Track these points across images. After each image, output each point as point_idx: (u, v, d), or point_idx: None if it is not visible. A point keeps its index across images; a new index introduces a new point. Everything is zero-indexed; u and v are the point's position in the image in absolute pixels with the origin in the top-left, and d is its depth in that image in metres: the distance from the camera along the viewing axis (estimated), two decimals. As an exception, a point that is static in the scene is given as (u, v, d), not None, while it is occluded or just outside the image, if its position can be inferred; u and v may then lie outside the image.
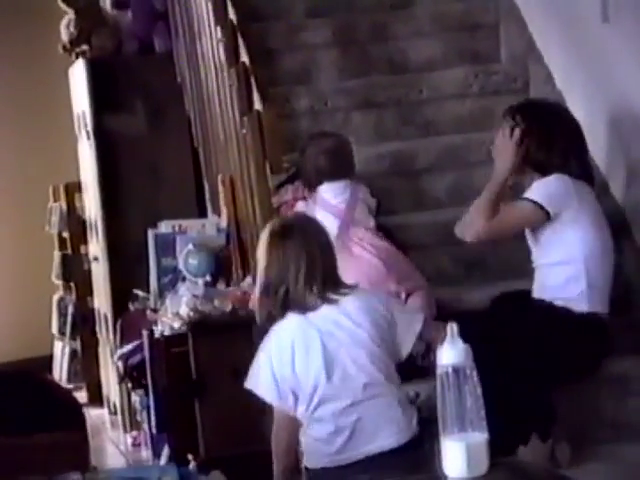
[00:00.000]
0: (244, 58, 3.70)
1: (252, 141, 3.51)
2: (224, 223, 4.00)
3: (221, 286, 3.76)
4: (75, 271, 5.98)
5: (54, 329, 6.21)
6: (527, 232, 3.34)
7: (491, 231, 3.25)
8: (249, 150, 3.57)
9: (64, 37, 5.01)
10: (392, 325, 2.84)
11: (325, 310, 2.82)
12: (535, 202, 3.23)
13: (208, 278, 3.79)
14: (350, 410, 2.78)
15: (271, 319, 2.90)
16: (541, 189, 3.26)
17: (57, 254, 6.23)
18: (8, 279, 6.79)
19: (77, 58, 5.07)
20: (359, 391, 2.78)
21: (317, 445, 2.83)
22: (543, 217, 3.24)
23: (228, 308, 3.52)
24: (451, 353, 1.75)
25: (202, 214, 4.77)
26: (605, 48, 3.74)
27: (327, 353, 2.79)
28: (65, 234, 6.12)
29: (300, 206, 3.53)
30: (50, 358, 6.24)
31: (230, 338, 3.52)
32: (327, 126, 4.16)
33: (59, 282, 6.23)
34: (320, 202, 3.41)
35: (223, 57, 3.83)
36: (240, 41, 3.76)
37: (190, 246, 3.86)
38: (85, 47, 4.98)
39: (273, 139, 3.46)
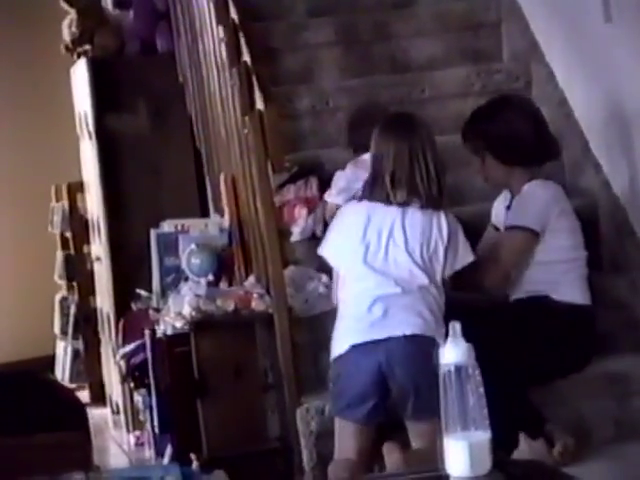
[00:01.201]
0: (246, 57, 3.70)
1: (254, 140, 3.51)
2: (226, 223, 4.00)
3: (224, 286, 3.75)
4: (78, 271, 5.98)
5: (56, 329, 6.21)
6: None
7: (500, 278, 3.35)
8: (251, 149, 3.57)
9: (66, 37, 5.01)
10: (446, 248, 3.16)
11: (392, 208, 3.18)
12: (525, 229, 3.32)
13: (211, 278, 3.79)
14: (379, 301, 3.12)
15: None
16: (527, 210, 3.35)
17: (59, 254, 6.23)
18: (10, 279, 6.79)
19: (79, 58, 5.07)
20: (392, 286, 3.13)
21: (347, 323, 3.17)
22: (537, 238, 3.34)
23: (231, 308, 3.52)
24: (453, 352, 1.75)
25: (204, 214, 4.77)
26: (607, 47, 3.74)
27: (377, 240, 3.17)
28: (67, 234, 6.12)
29: (340, 175, 3.75)
30: (53, 358, 6.24)
31: (233, 338, 3.52)
32: (329, 126, 4.16)
33: (62, 282, 6.22)
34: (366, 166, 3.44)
35: (225, 56, 3.83)
36: (242, 40, 3.76)
37: (192, 246, 3.86)
38: (87, 47, 4.97)
39: (275, 138, 3.46)
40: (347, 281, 3.25)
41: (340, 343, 3.19)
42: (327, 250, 3.33)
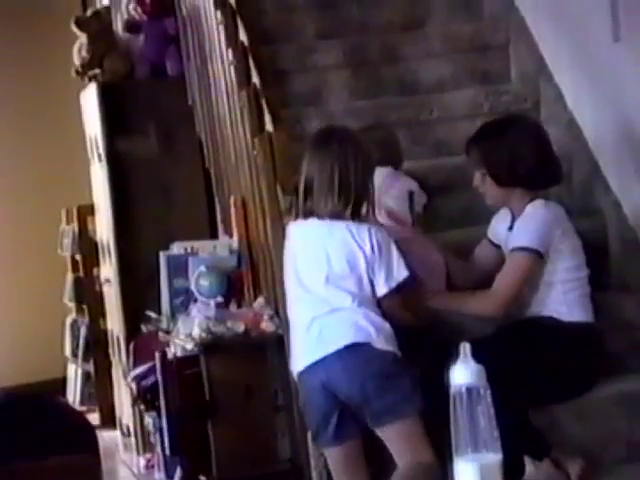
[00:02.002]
0: (255, 80, 3.72)
1: (263, 162, 3.52)
2: (236, 244, 4.00)
3: (233, 307, 3.75)
4: (88, 293, 5.99)
5: (67, 351, 6.21)
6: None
7: (507, 302, 3.32)
8: (260, 171, 3.58)
9: (76, 61, 5.04)
10: (368, 261, 3.09)
11: (318, 224, 3.11)
12: (530, 250, 3.30)
13: (220, 299, 3.79)
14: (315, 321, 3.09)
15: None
16: (531, 232, 3.33)
17: (70, 276, 6.24)
18: (21, 301, 6.80)
19: (89, 82, 5.09)
20: (323, 306, 3.09)
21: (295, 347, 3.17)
22: (542, 260, 3.33)
23: (240, 329, 3.52)
24: (464, 373, 1.74)
25: (214, 235, 4.78)
26: (616, 67, 3.74)
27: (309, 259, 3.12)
28: (78, 256, 6.14)
29: None
30: (64, 381, 6.24)
31: (243, 359, 3.52)
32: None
33: (72, 304, 6.24)
34: None
35: (234, 79, 3.84)
36: (251, 63, 3.78)
37: (202, 267, 3.86)
38: (97, 71, 5.00)
39: (284, 160, 3.47)
40: (289, 303, 3.22)
41: (295, 363, 3.19)
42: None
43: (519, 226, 3.39)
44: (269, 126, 3.57)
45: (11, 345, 6.76)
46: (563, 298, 3.36)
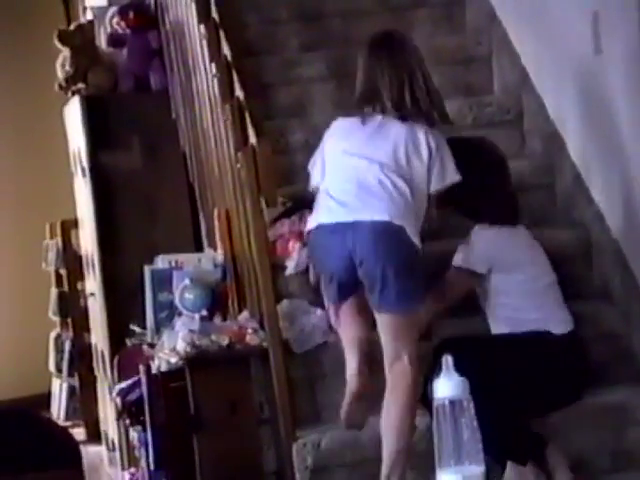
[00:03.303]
0: (238, 93, 3.72)
1: (247, 176, 3.52)
2: (220, 257, 4.00)
3: (218, 320, 3.74)
4: (72, 307, 5.97)
5: (51, 366, 6.19)
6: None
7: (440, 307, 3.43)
8: (244, 184, 3.58)
9: (60, 75, 5.03)
10: (429, 162, 3.21)
11: (376, 121, 3.24)
12: (462, 269, 3.40)
13: (204, 313, 3.78)
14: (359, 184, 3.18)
15: None
16: (467, 253, 3.42)
17: (54, 291, 6.22)
18: (5, 316, 6.78)
19: (73, 96, 5.09)
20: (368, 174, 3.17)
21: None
22: (476, 277, 3.41)
23: (225, 342, 3.51)
24: (447, 386, 1.75)
25: (198, 249, 4.77)
26: (598, 79, 3.76)
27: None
28: (62, 271, 6.12)
29: None
30: (48, 396, 6.22)
31: (227, 372, 3.51)
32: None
33: (56, 319, 6.22)
34: None
35: (218, 92, 3.85)
36: (234, 76, 3.78)
37: (186, 281, 3.86)
38: (81, 85, 4.99)
39: (268, 173, 3.47)
40: (329, 167, 3.29)
41: (312, 220, 3.28)
42: (311, 164, 3.38)
43: (460, 249, 3.45)
44: (253, 139, 3.58)
45: (-5, 360, 6.73)
46: (525, 311, 3.39)
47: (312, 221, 3.28)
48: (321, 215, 3.25)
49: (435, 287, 3.40)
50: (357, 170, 3.23)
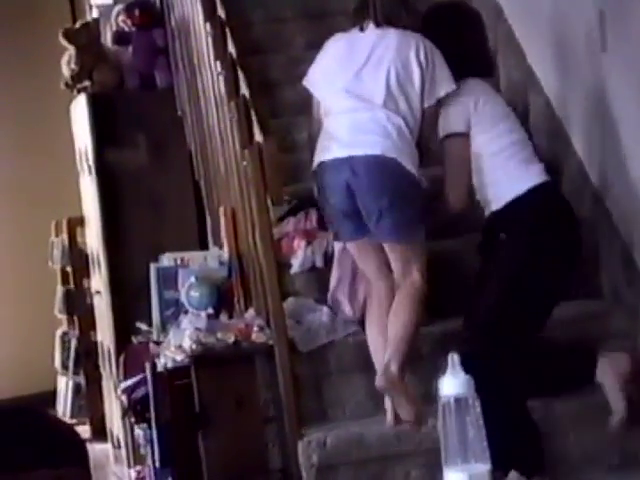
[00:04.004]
0: (244, 91, 3.72)
1: (253, 173, 3.52)
2: (226, 255, 4.00)
3: (224, 318, 3.75)
4: (78, 305, 5.98)
5: (57, 364, 6.20)
6: None
7: (461, 190, 3.42)
8: (250, 182, 3.58)
9: (65, 73, 5.03)
10: (423, 71, 3.31)
11: (371, 30, 3.37)
12: (445, 137, 3.42)
13: (210, 310, 3.79)
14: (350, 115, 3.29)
15: None
16: (443, 119, 3.42)
17: (60, 288, 6.23)
18: (11, 314, 6.78)
19: (78, 94, 5.09)
20: (359, 100, 3.29)
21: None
22: (465, 138, 3.40)
23: (231, 340, 3.52)
24: (453, 383, 1.74)
25: (204, 246, 4.78)
26: (603, 77, 3.76)
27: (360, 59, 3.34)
28: (68, 268, 6.13)
29: None
30: (54, 393, 6.22)
31: (233, 370, 3.51)
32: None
33: (62, 316, 6.22)
34: None
35: (223, 90, 3.85)
36: (240, 74, 3.78)
37: (192, 279, 3.86)
38: (86, 83, 5.00)
39: (274, 171, 3.47)
40: (327, 107, 3.39)
41: (315, 159, 3.37)
42: (309, 80, 3.48)
43: (440, 117, 3.45)
44: (259, 137, 3.57)
45: (1, 358, 6.74)
46: (501, 171, 3.38)
47: (315, 160, 3.40)
48: (320, 153, 3.37)
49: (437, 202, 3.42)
50: (352, 109, 3.34)
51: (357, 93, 3.34)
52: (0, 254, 6.87)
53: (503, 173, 3.41)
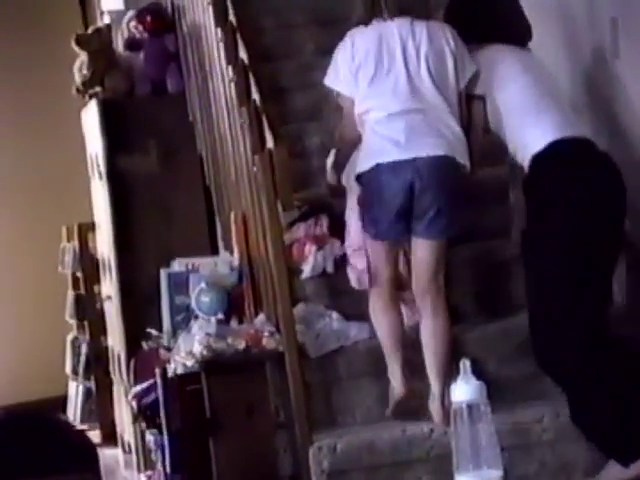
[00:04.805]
0: (255, 97, 3.72)
1: (264, 179, 3.52)
2: (236, 261, 4.00)
3: (234, 324, 3.75)
4: (89, 310, 5.99)
5: (68, 369, 6.20)
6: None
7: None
8: (261, 188, 3.58)
9: (77, 79, 5.04)
10: (455, 57, 3.36)
11: (398, 23, 3.38)
12: (472, 97, 3.44)
13: (221, 316, 3.79)
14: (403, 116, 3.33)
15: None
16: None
17: (70, 294, 6.24)
18: (22, 319, 6.80)
19: (90, 100, 5.10)
20: (412, 100, 3.34)
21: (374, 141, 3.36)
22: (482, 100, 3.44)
23: (241, 346, 3.52)
24: (465, 389, 1.74)
25: (214, 252, 4.78)
26: (615, 83, 3.75)
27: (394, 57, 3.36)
28: (78, 274, 6.14)
29: None
30: (64, 398, 6.23)
31: (244, 376, 3.51)
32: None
33: (73, 322, 6.23)
34: None
35: (235, 96, 3.85)
36: (251, 80, 3.78)
37: (202, 284, 3.86)
38: (98, 89, 5.00)
39: (285, 177, 3.47)
40: (369, 107, 3.37)
41: (365, 161, 3.37)
42: (338, 80, 3.46)
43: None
44: (270, 143, 3.58)
45: (12, 363, 6.76)
46: (530, 121, 3.38)
47: (366, 162, 3.38)
48: (374, 155, 3.37)
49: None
50: (404, 111, 3.36)
51: (403, 92, 3.36)
52: (11, 259, 6.88)
53: (539, 117, 3.39)
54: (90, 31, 5.11)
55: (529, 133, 3.38)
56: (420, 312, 3.43)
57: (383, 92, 3.36)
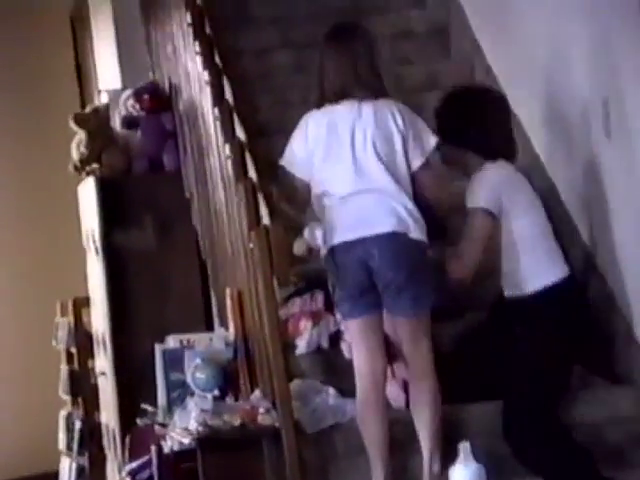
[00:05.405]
0: (252, 174, 3.76)
1: (260, 255, 3.54)
2: (232, 336, 4.00)
3: (230, 400, 3.74)
4: (82, 386, 5.96)
5: (61, 445, 6.16)
6: None
7: (470, 261, 3.52)
8: (257, 264, 3.60)
9: (75, 156, 5.09)
10: (404, 135, 3.37)
11: (347, 106, 3.41)
12: (477, 209, 3.52)
13: (217, 392, 3.78)
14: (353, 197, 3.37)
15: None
16: (473, 193, 3.55)
17: (64, 369, 6.22)
18: (15, 394, 6.77)
19: (87, 176, 5.15)
20: (360, 182, 3.36)
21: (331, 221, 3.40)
22: (491, 218, 3.53)
23: (237, 423, 3.50)
24: (464, 474, 1.74)
25: (209, 327, 4.79)
26: (607, 163, 3.80)
27: (340, 139, 3.39)
28: (72, 349, 6.13)
29: None
30: (57, 475, 6.18)
31: (240, 453, 3.49)
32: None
33: (66, 397, 6.20)
34: None
35: (231, 173, 3.89)
36: (247, 158, 3.83)
37: (198, 360, 3.86)
38: (95, 166, 5.05)
39: (280, 253, 3.50)
40: (322, 190, 3.42)
41: (332, 236, 3.41)
42: (289, 161, 3.52)
43: (468, 189, 3.57)
44: (266, 219, 3.61)
45: (5, 438, 6.70)
46: (530, 259, 3.49)
47: (324, 246, 3.45)
48: (332, 238, 3.42)
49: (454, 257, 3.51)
50: (353, 192, 3.40)
51: (351, 174, 3.40)
52: (5, 333, 6.88)
53: (534, 261, 3.53)
54: (88, 110, 5.17)
55: (544, 262, 3.54)
56: (409, 378, 3.46)
57: (333, 175, 3.43)
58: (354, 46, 3.45)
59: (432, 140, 3.45)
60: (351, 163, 3.40)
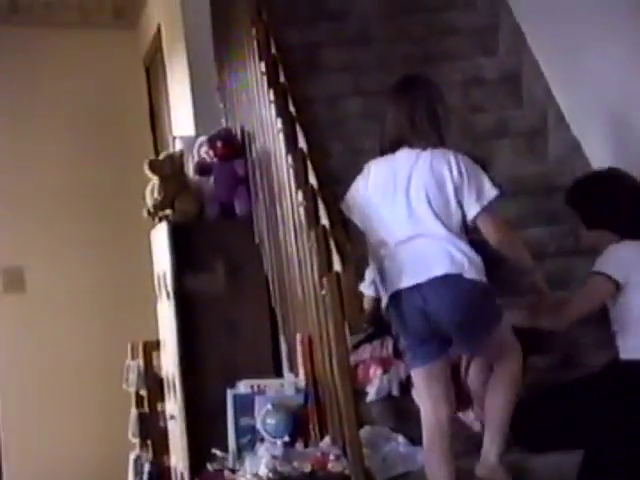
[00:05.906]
0: (324, 221, 3.79)
1: (331, 302, 3.56)
2: (302, 382, 4.01)
3: (300, 446, 3.74)
4: (152, 429, 5.99)
5: (130, 488, 6.19)
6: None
7: (567, 320, 3.63)
8: (328, 310, 3.61)
9: (149, 202, 5.16)
10: (457, 184, 3.41)
11: (406, 154, 3.50)
12: (600, 273, 3.58)
13: (286, 438, 3.78)
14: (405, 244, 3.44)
15: None
16: (605, 259, 3.62)
17: (134, 412, 6.26)
18: (85, 436, 6.82)
19: (160, 221, 5.22)
20: (413, 228, 3.43)
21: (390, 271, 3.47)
22: (612, 286, 3.56)
23: (307, 469, 3.50)
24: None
25: (278, 372, 4.80)
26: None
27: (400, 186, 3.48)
28: (142, 392, 6.17)
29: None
30: (126, 518, 6.21)
31: (309, 500, 3.48)
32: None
33: (136, 440, 6.24)
34: None
35: (303, 220, 3.92)
36: (320, 205, 3.86)
37: (269, 406, 3.87)
38: (168, 211, 5.12)
39: (352, 300, 3.51)
40: (380, 237, 3.50)
41: (391, 284, 3.47)
42: (349, 205, 3.65)
43: (601, 257, 3.64)
44: (337, 266, 3.63)
45: (75, 479, 6.76)
46: None
47: (384, 295, 3.51)
48: (390, 287, 3.48)
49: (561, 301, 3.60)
50: (409, 238, 3.48)
51: (405, 219, 3.46)
52: (76, 375, 6.95)
53: None
54: (162, 157, 5.25)
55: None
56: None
57: (389, 222, 3.50)
58: (412, 97, 3.52)
59: (491, 191, 3.47)
60: (405, 209, 3.46)
